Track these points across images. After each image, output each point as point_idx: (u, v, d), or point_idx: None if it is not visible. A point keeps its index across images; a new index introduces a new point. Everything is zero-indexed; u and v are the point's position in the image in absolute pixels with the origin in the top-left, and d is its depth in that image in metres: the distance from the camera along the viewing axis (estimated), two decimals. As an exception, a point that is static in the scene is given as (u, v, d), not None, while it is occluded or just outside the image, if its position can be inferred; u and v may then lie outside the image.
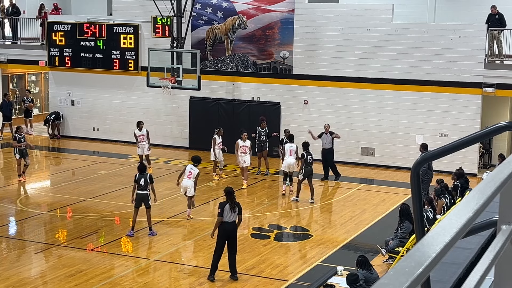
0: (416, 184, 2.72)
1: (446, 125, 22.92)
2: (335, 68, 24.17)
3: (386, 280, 1.45)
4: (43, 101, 32.61)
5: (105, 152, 25.89)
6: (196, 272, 13.79)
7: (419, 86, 23.17)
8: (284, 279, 13.51)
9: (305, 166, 19.05)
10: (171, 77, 22.33)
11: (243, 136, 20.86)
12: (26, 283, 13.00)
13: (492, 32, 22.57)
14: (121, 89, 27.46)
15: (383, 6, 23.87)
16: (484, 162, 24.27)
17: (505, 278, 2.26)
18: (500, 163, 2.70)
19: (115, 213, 17.81)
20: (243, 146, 20.73)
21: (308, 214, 18.36)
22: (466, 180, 17.62)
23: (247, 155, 20.78)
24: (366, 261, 12.00)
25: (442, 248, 1.59)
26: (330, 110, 24.25)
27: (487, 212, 2.02)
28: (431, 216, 14.58)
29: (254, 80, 25.41)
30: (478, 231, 2.90)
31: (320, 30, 24.24)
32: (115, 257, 14.66)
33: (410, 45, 23.14)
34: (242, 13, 25.38)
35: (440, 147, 2.80)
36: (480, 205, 1.84)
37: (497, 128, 2.76)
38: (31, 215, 17.62)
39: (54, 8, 29.90)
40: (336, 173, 21.94)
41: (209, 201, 19.18)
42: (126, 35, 26.74)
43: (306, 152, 19.24)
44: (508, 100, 23.93)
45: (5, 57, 29.08)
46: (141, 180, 15.93)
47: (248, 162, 20.82)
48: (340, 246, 15.66)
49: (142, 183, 15.92)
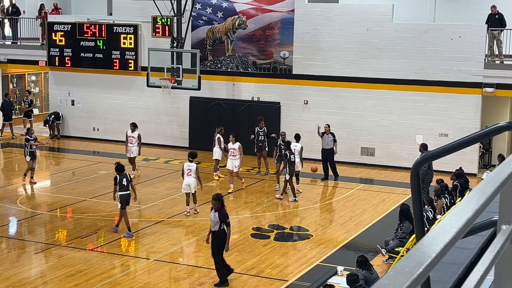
0: (416, 184, 2.72)
1: (446, 125, 22.92)
2: (335, 68, 24.17)
3: (386, 280, 1.45)
4: (43, 101, 32.61)
5: (105, 152, 25.89)
6: (196, 272, 13.78)
7: (419, 86, 23.17)
8: (284, 279, 13.51)
9: (288, 165, 19.10)
10: (171, 77, 22.33)
11: (231, 139, 20.23)
12: (26, 283, 13.00)
13: (492, 32, 22.57)
14: (121, 89, 27.46)
15: (383, 6, 23.87)
16: (484, 162, 24.27)
17: (505, 278, 2.26)
18: (500, 163, 2.70)
19: (115, 213, 17.78)
20: (232, 148, 20.15)
21: (308, 214, 18.35)
22: (466, 180, 17.62)
23: (237, 159, 20.01)
24: (366, 261, 12.00)
25: (442, 248, 1.59)
26: (330, 110, 24.25)
27: (487, 212, 2.02)
28: (431, 216, 14.59)
29: (254, 80, 25.41)
30: (478, 231, 2.90)
31: (320, 30, 24.23)
32: (115, 257, 14.67)
33: (410, 45, 23.13)
34: (242, 13, 25.38)
35: (440, 147, 2.80)
36: (480, 205, 1.84)
37: (497, 128, 2.76)
38: (31, 215, 17.62)
39: (54, 8, 29.90)
40: (335, 173, 21.95)
41: (209, 201, 19.16)
42: (126, 35, 26.74)
43: (289, 151, 19.30)
44: (508, 100, 23.93)
45: (5, 57, 29.08)
46: (123, 181, 15.97)
47: (238, 167, 20.18)
48: (340, 246, 15.66)
49: (125, 183, 15.98)
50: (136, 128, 21.77)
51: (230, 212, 18.12)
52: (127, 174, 16.22)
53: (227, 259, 13.58)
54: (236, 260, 14.41)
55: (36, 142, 20.87)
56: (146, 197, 19.34)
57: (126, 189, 15.98)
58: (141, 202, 18.53)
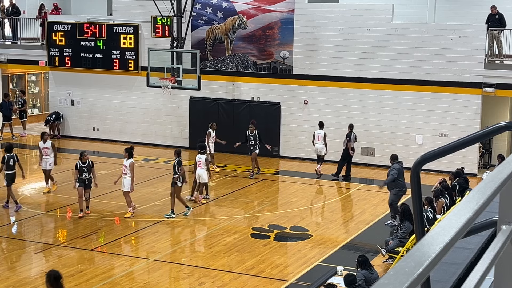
0: (416, 184, 2.72)
1: (446, 125, 22.91)
2: (335, 68, 24.17)
3: (386, 280, 1.45)
4: (43, 101, 32.60)
5: (105, 152, 25.89)
6: (196, 272, 13.78)
7: (419, 86, 23.17)
8: (284, 279, 13.51)
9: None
10: (171, 77, 22.33)
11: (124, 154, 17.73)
12: (26, 283, 13.01)
13: (492, 32, 22.57)
14: (121, 89, 27.46)
15: (383, 6, 23.87)
16: (484, 162, 24.27)
17: (505, 278, 2.26)
18: (500, 163, 2.70)
19: (115, 213, 17.81)
20: (123, 165, 17.58)
21: (308, 214, 18.35)
22: (466, 180, 17.63)
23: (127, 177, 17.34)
24: (366, 261, 12.01)
25: (442, 248, 1.59)
26: (330, 110, 24.25)
27: (487, 212, 2.02)
28: (431, 216, 14.60)
29: (254, 80, 25.41)
30: (478, 231, 2.90)
31: (320, 30, 24.23)
32: (115, 257, 14.67)
33: (410, 45, 23.13)
34: (242, 13, 25.38)
35: (440, 147, 2.80)
36: (480, 205, 1.84)
37: (497, 128, 2.76)
38: (31, 215, 17.62)
39: (54, 8, 29.91)
40: (348, 174, 22.13)
41: (208, 202, 19.18)
42: (126, 35, 26.74)
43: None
44: (508, 100, 23.93)
45: (5, 57, 29.09)
46: (10, 161, 17.75)
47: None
48: (340, 246, 15.66)
49: (11, 163, 17.76)
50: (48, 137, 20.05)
51: (230, 212, 18.18)
52: (14, 155, 17.83)
53: (228, 259, 13.57)
54: (236, 260, 14.41)
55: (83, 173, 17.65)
56: (146, 197, 19.33)
57: (12, 168, 17.76)
58: (141, 202, 18.53)
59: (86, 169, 17.34)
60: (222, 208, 18.65)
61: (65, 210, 18.11)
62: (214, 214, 18.18)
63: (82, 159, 17.36)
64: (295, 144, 24.93)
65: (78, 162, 17.36)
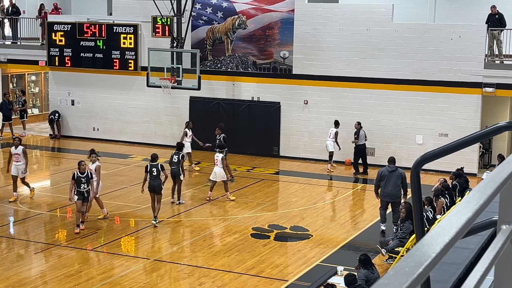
0: (416, 184, 2.71)
1: (446, 125, 22.91)
2: (335, 68, 24.17)
3: (386, 280, 1.45)
4: (43, 101, 32.61)
5: (105, 152, 25.87)
6: (196, 272, 13.78)
7: (419, 86, 23.17)
8: (284, 279, 13.51)
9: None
10: (171, 77, 22.33)
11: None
12: (26, 283, 13.01)
13: (492, 32, 22.57)
14: (121, 89, 27.46)
15: (383, 6, 23.86)
16: (484, 162, 24.27)
17: (505, 278, 2.26)
18: (500, 163, 2.70)
19: (115, 213, 17.81)
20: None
21: (308, 214, 18.35)
22: (466, 180, 17.63)
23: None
24: (368, 260, 11.99)
25: (442, 248, 1.59)
26: (330, 110, 24.25)
27: (487, 212, 2.02)
28: (431, 216, 14.59)
29: (254, 80, 25.41)
30: (478, 231, 2.90)
31: (320, 30, 24.23)
32: (115, 257, 14.66)
33: (410, 45, 23.13)
34: (242, 13, 25.38)
35: (440, 147, 2.80)
36: (480, 205, 1.84)
37: (497, 128, 2.76)
38: (31, 215, 17.62)
39: (54, 8, 29.90)
40: (366, 169, 22.53)
41: (206, 202, 19.17)
42: (126, 35, 26.73)
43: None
44: (508, 100, 23.93)
45: (5, 57, 29.08)
46: None
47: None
48: (340, 246, 15.66)
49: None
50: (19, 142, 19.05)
51: (229, 212, 18.18)
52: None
53: (228, 259, 13.57)
54: (236, 260, 14.42)
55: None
56: (146, 197, 19.29)
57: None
58: (141, 202, 18.52)
59: (84, 179, 15.98)
60: (222, 208, 18.65)
61: (65, 210, 18.10)
62: (214, 214, 18.18)
63: (80, 169, 16.02)
64: (295, 144, 24.93)
65: (76, 172, 16.04)
